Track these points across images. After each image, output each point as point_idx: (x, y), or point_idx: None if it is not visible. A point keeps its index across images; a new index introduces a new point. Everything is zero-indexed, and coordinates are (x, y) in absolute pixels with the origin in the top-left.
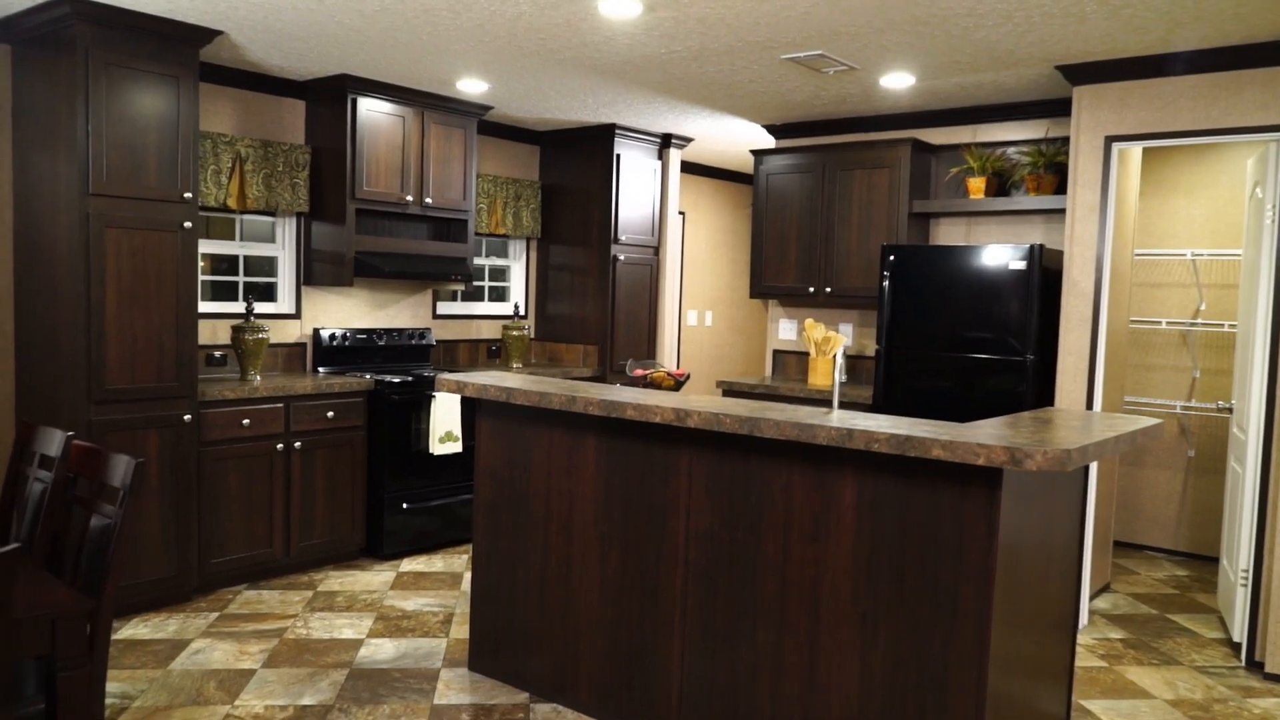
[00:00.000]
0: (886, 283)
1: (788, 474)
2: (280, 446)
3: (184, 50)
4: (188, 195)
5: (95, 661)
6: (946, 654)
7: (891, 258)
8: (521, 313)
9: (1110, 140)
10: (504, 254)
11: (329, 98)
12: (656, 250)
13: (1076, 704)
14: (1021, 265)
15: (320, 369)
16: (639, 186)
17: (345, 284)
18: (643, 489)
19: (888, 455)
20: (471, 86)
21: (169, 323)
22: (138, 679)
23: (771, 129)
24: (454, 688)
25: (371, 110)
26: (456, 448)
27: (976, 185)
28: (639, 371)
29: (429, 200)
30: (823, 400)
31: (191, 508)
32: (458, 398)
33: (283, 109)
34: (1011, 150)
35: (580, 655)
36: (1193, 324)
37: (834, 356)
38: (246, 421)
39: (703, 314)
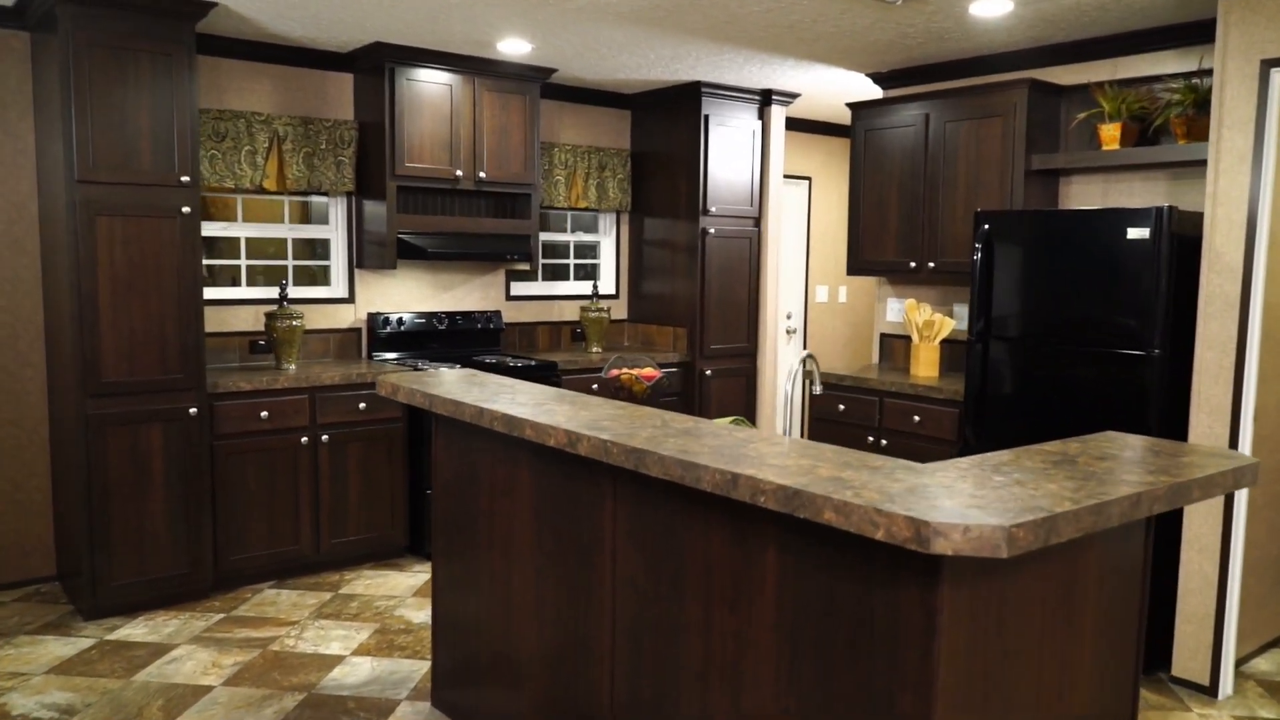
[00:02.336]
0: (979, 257)
1: (706, 521)
2: (305, 440)
3: (176, 26)
4: (185, 179)
5: None
6: None
7: (985, 226)
8: (602, 292)
9: (1268, 65)
10: (595, 229)
11: (369, 69)
12: (757, 221)
13: None
14: (1142, 233)
15: (375, 356)
16: (734, 150)
17: (389, 267)
18: (572, 521)
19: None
20: (513, 47)
21: (170, 312)
22: (94, 690)
23: (877, 78)
24: None
25: (413, 80)
26: None
27: (1110, 133)
28: (613, 372)
29: (482, 175)
30: (918, 396)
31: (203, 503)
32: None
33: (327, 84)
34: (1158, 88)
35: (524, 700)
36: None
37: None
38: (265, 414)
39: (834, 290)
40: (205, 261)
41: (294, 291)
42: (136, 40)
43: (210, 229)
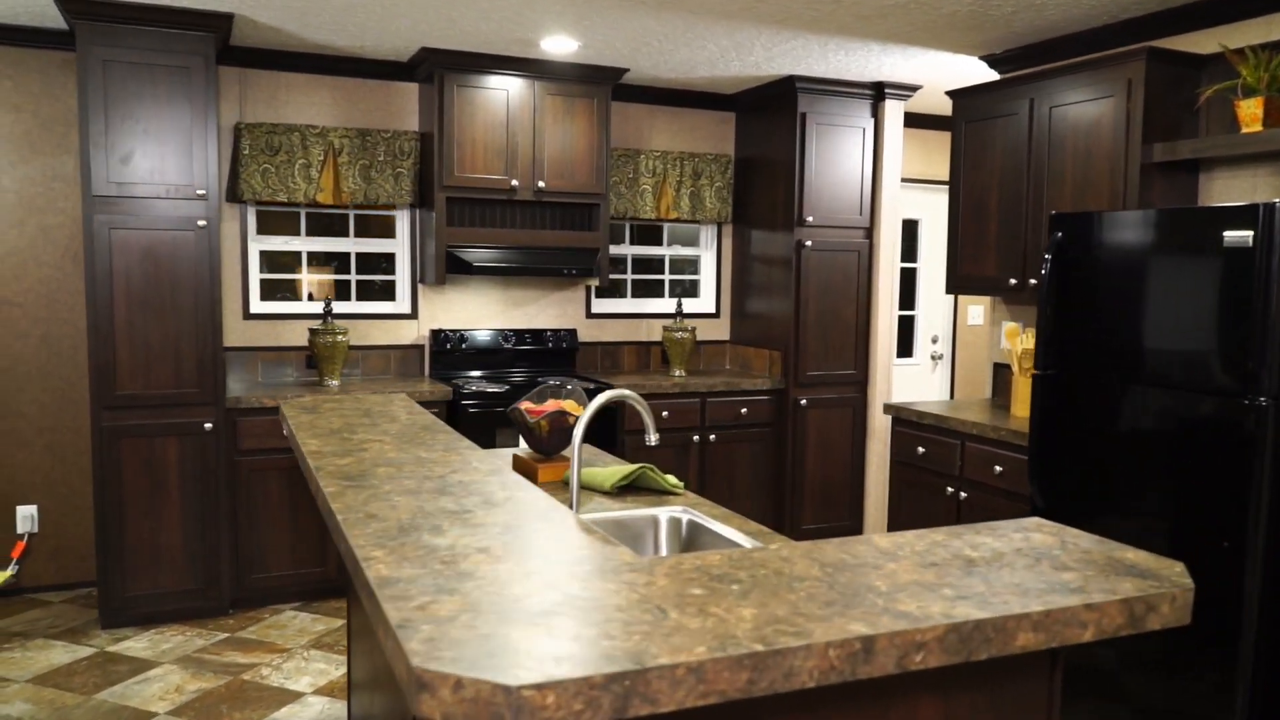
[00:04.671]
0: (1047, 270)
1: None
2: None
3: (193, 40)
4: (201, 192)
5: None
6: None
7: (1059, 233)
8: (701, 310)
9: None
10: (696, 242)
11: (425, 77)
12: (868, 232)
13: None
14: (1242, 238)
15: (436, 374)
16: (839, 152)
17: (438, 282)
18: None
19: None
20: (559, 45)
21: (187, 326)
22: (50, 705)
23: (991, 61)
24: None
25: (466, 85)
26: None
27: (1251, 110)
28: (526, 406)
29: (541, 184)
30: (1000, 441)
31: (220, 520)
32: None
33: (391, 94)
34: None
35: None
36: None
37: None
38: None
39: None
40: (265, 276)
41: (356, 307)
42: (155, 56)
43: (272, 243)
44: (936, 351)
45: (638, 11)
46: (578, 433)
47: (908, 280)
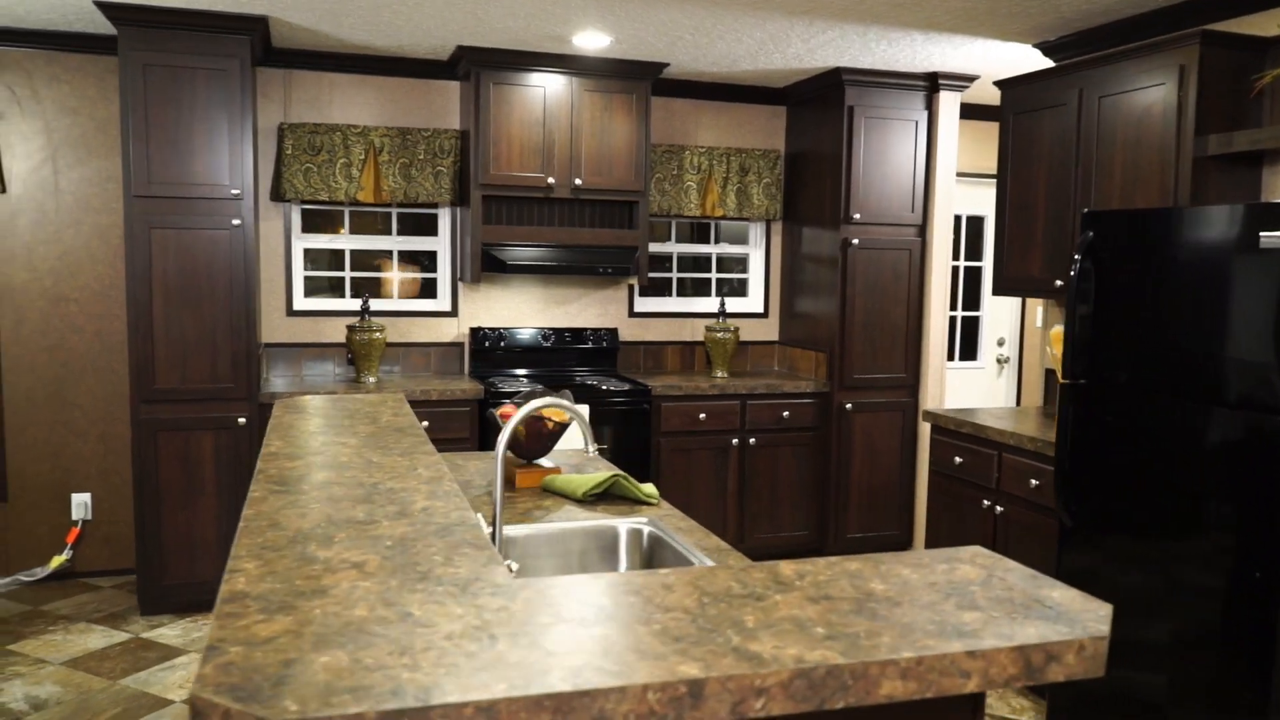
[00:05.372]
0: (1076, 271)
1: None
2: None
3: (228, 42)
4: (236, 192)
5: None
6: None
7: (1090, 233)
8: (749, 310)
9: None
10: (745, 240)
11: (464, 75)
12: (921, 230)
13: None
14: (1278, 239)
15: (476, 372)
16: (889, 146)
17: (474, 280)
18: None
19: None
20: (591, 41)
21: (222, 322)
22: (77, 689)
23: (1045, 48)
24: None
25: (502, 83)
26: None
27: None
28: (502, 411)
29: (579, 182)
30: (1038, 454)
31: None
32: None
33: (433, 93)
34: None
35: None
36: None
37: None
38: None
39: (1045, 313)
40: (309, 273)
41: (398, 304)
42: (192, 59)
43: (316, 241)
44: (1002, 355)
45: (661, 3)
46: (501, 439)
47: (972, 279)
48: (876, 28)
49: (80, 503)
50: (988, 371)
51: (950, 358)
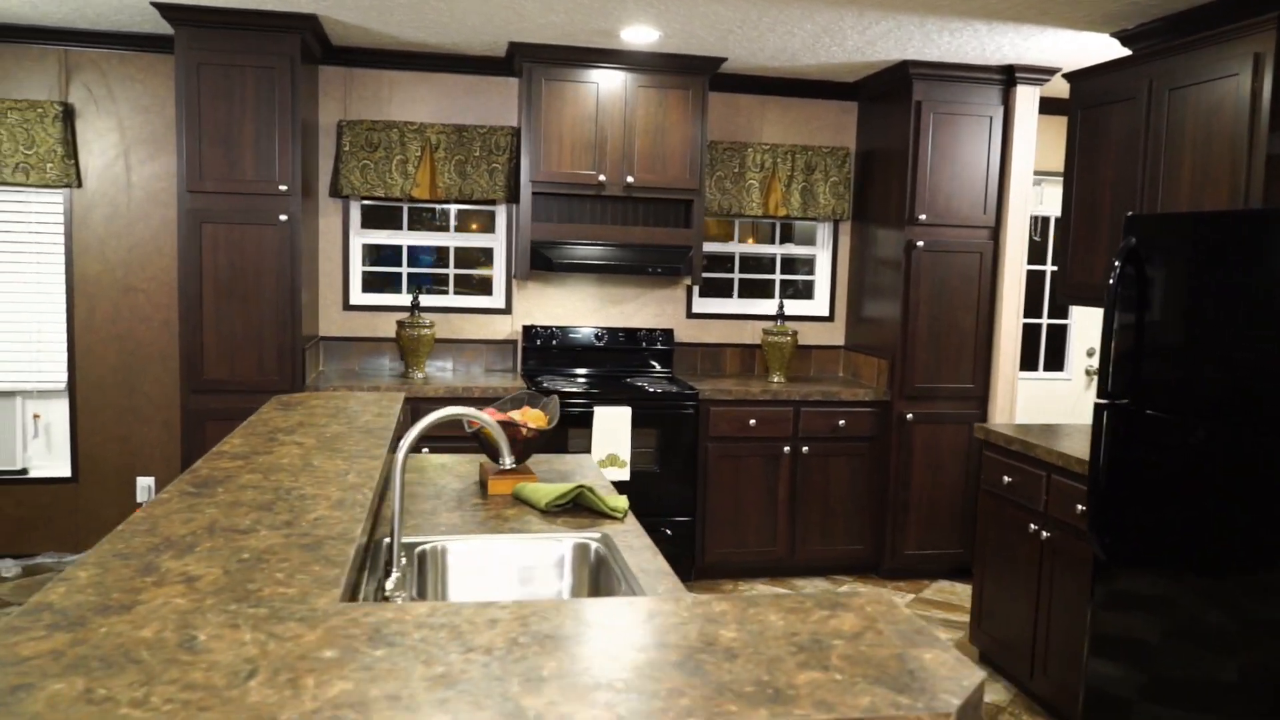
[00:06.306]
0: (1115, 280)
1: None
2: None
3: (278, 40)
4: (283, 188)
5: None
6: None
7: (1133, 239)
8: (815, 313)
9: None
10: (813, 240)
11: (517, 72)
12: (994, 232)
13: None
14: None
15: (527, 370)
16: (960, 143)
17: (522, 277)
18: None
19: None
20: (640, 36)
21: (269, 316)
22: None
23: (1123, 38)
24: None
25: (553, 79)
26: (622, 474)
27: None
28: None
29: (631, 180)
30: (1086, 476)
31: None
32: (626, 414)
33: (489, 90)
34: None
35: None
36: None
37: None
38: None
39: None
40: (367, 268)
41: (452, 301)
42: (243, 57)
43: (374, 237)
44: (1092, 366)
45: None
46: (402, 446)
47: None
48: (934, 18)
49: (144, 486)
50: (1075, 384)
51: (1033, 368)
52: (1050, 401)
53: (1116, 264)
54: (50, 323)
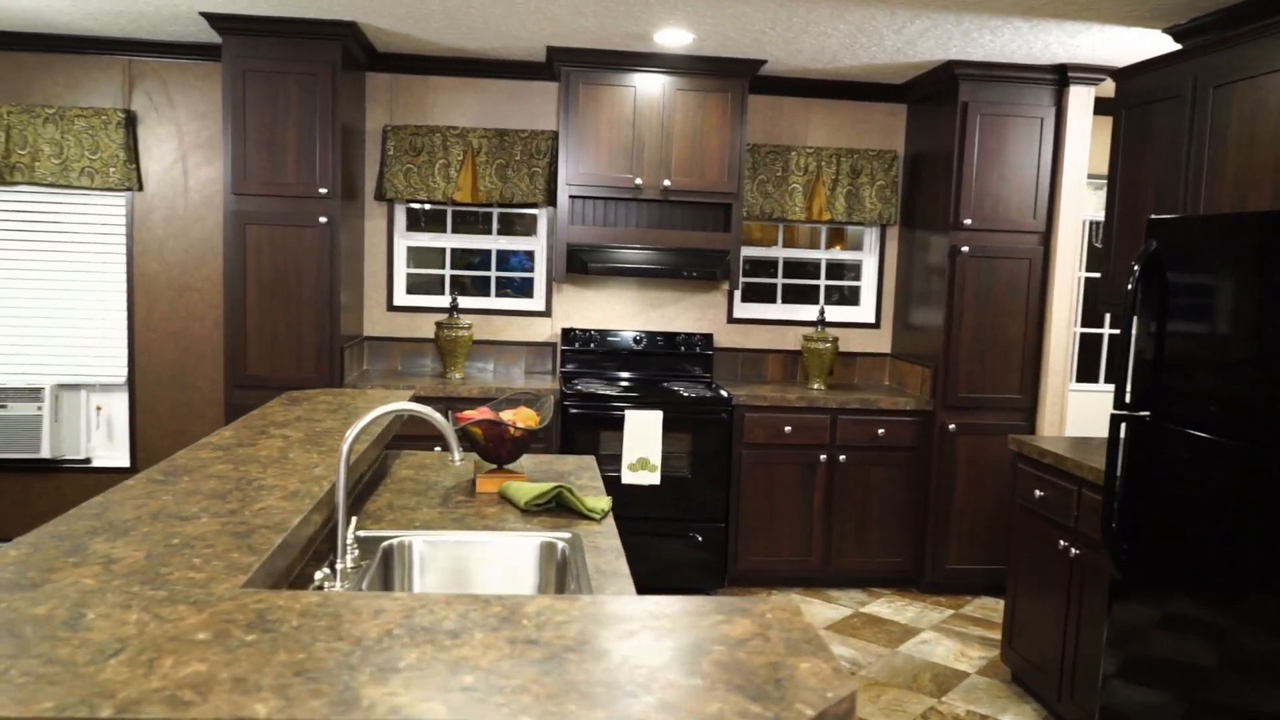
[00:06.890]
0: (1134, 286)
1: None
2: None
3: (319, 47)
4: (323, 191)
5: None
6: None
7: (1153, 243)
8: (860, 320)
9: None
10: (860, 245)
11: (557, 76)
12: (1045, 237)
13: None
14: None
15: (565, 372)
16: (1008, 145)
17: (559, 280)
18: None
19: None
20: (673, 38)
21: (308, 316)
22: None
23: (1175, 34)
24: None
25: (591, 83)
26: (652, 478)
27: None
28: (466, 413)
29: (668, 183)
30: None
31: None
32: (658, 417)
33: (530, 94)
34: None
35: None
36: None
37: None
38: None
39: None
40: (411, 270)
41: (494, 303)
42: (286, 64)
43: (418, 239)
44: None
45: None
46: (347, 438)
47: None
48: (970, 15)
49: None
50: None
51: (1093, 379)
52: (1108, 415)
53: (1135, 269)
54: (112, 319)
